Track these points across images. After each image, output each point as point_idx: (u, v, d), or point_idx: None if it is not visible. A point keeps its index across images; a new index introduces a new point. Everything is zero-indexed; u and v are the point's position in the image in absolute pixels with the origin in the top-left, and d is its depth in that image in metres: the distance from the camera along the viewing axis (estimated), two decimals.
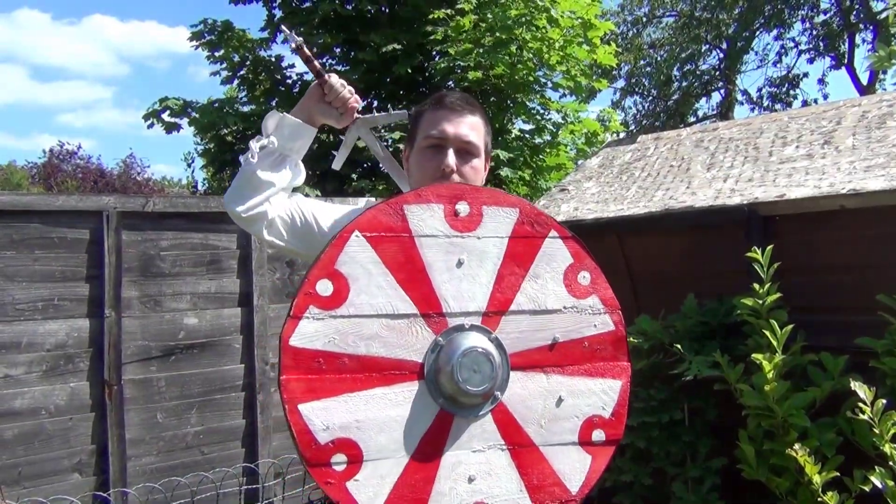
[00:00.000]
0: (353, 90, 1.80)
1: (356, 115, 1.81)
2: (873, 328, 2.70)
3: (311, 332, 1.39)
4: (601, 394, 1.61)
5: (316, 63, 1.81)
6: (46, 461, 3.31)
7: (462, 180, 1.71)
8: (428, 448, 1.45)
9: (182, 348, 3.64)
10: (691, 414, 3.12)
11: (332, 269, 1.42)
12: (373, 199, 4.16)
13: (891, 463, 2.39)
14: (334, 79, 1.77)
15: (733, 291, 3.02)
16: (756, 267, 2.84)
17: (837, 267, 3.01)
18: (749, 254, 2.86)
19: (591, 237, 3.36)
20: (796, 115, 3.90)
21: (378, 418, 1.42)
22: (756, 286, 2.84)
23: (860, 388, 2.45)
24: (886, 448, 2.39)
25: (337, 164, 1.92)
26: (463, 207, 1.52)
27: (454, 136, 1.73)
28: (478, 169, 1.77)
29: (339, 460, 1.38)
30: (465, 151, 1.74)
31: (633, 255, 3.60)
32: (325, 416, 1.38)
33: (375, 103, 8.46)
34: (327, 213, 1.78)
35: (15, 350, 3.26)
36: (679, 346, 3.00)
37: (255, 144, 1.69)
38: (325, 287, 1.41)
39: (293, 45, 1.81)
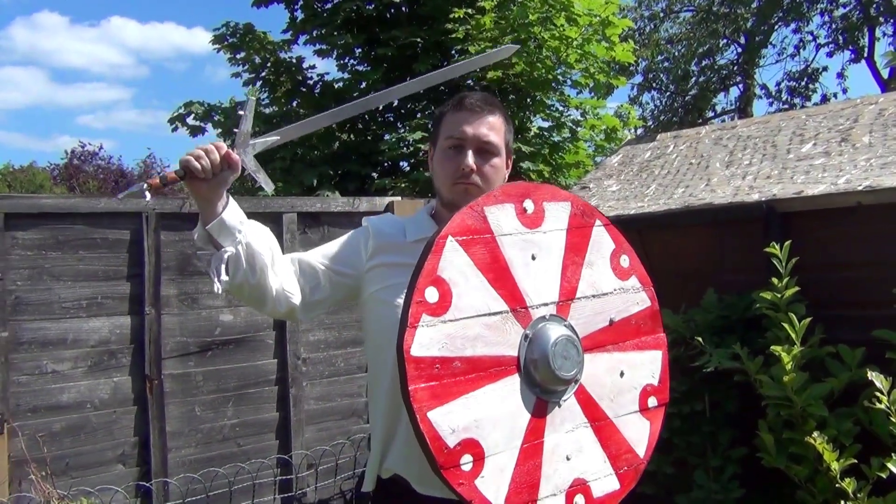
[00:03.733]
0: (205, 152, 1.59)
1: (232, 155, 1.62)
2: (889, 321, 2.78)
3: (428, 341, 1.42)
4: (650, 364, 1.74)
5: (168, 177, 1.62)
6: (92, 453, 3.43)
7: (481, 180, 1.76)
8: (532, 436, 1.52)
9: (218, 344, 3.76)
10: (712, 405, 3.19)
11: (436, 276, 1.45)
12: (396, 198, 4.28)
13: None
14: (184, 162, 1.58)
15: (752, 286, 3.09)
16: (775, 262, 2.92)
17: (854, 262, 3.07)
18: (768, 249, 2.94)
19: None
20: (814, 112, 3.97)
21: (491, 415, 1.47)
22: (775, 281, 2.93)
23: (877, 378, 2.54)
24: None
25: (269, 187, 1.88)
26: (529, 205, 1.59)
27: (473, 136, 1.77)
28: (498, 168, 1.80)
29: (467, 460, 1.43)
30: (485, 151, 1.78)
31: (654, 251, 3.68)
32: (451, 419, 1.42)
33: (396, 102, 8.55)
34: (350, 252, 1.82)
35: (62, 346, 3.39)
36: (700, 339, 3.08)
37: (213, 275, 1.62)
38: (432, 294, 1.44)
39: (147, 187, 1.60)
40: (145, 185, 1.60)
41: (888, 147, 3.24)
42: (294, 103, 8.78)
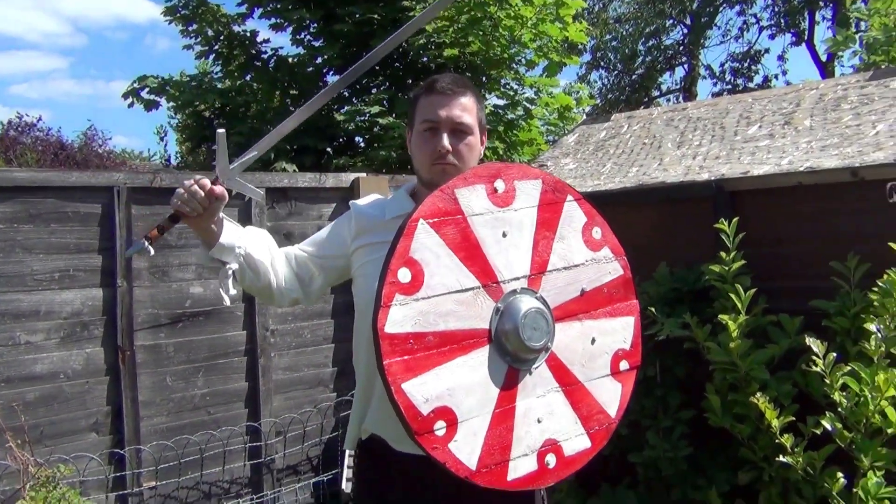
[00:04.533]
0: (191, 195, 1.71)
1: (216, 189, 1.73)
2: (826, 292, 2.95)
3: (401, 318, 1.52)
4: (621, 330, 1.85)
5: (164, 226, 1.79)
6: (66, 421, 3.48)
7: (458, 160, 1.86)
8: (504, 401, 1.63)
9: (189, 316, 3.83)
10: (663, 371, 3.35)
11: (408, 257, 1.54)
12: (362, 174, 4.38)
13: (839, 409, 2.65)
14: (175, 207, 1.74)
15: (701, 260, 3.25)
16: (723, 237, 3.07)
17: (795, 238, 3.24)
18: (716, 225, 3.09)
19: None
20: (760, 96, 4.18)
21: (464, 383, 1.57)
22: (722, 255, 3.08)
23: (814, 344, 2.72)
24: (836, 396, 2.64)
25: (258, 196, 2.06)
26: (500, 185, 1.67)
27: (447, 118, 1.85)
28: (472, 146, 1.90)
29: (440, 426, 1.54)
30: (459, 131, 1.87)
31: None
32: (424, 389, 1.53)
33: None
34: (336, 236, 1.98)
35: (34, 318, 3.42)
36: (653, 310, 3.23)
37: (222, 290, 1.84)
38: (405, 274, 1.54)
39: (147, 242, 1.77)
40: (146, 243, 1.76)
41: (827, 130, 3.46)
42: (248, 77, 8.72)
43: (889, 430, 2.61)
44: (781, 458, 2.75)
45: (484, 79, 7.80)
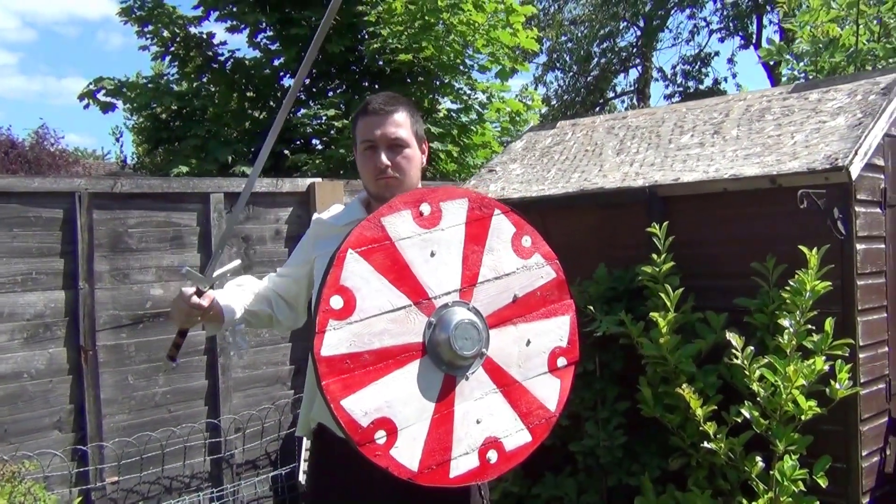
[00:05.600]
0: (187, 316, 1.95)
1: (203, 303, 1.93)
2: (748, 290, 3.14)
3: (336, 342, 1.64)
4: (557, 329, 1.96)
5: (178, 342, 2.07)
6: (29, 420, 3.59)
7: (398, 172, 2.02)
8: (442, 407, 1.75)
9: (149, 317, 3.95)
10: (601, 365, 3.50)
11: (339, 286, 1.66)
12: (318, 179, 4.54)
13: (758, 399, 2.85)
14: (179, 326, 2.01)
15: (637, 261, 3.38)
16: (655, 240, 3.23)
17: (721, 240, 3.42)
18: (649, 229, 3.25)
19: None
20: (693, 106, 4.43)
21: (401, 395, 1.69)
22: (654, 256, 3.23)
23: (733, 338, 2.92)
24: (754, 386, 2.82)
25: (239, 270, 2.29)
26: (425, 208, 1.79)
27: (382, 136, 2.01)
28: (411, 157, 2.06)
29: (380, 435, 1.66)
30: (396, 146, 2.03)
31: (553, 230, 3.97)
32: (362, 404, 1.65)
33: (307, 81, 8.67)
34: (301, 249, 2.21)
35: None
36: (591, 308, 3.38)
37: (238, 347, 2.12)
38: (337, 302, 1.65)
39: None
40: (174, 364, 2.18)
41: (752, 140, 3.71)
42: (204, 79, 8.77)
43: (801, 417, 2.84)
44: (706, 445, 2.93)
45: (437, 83, 7.98)
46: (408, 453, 1.70)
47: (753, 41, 20.89)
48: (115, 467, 3.79)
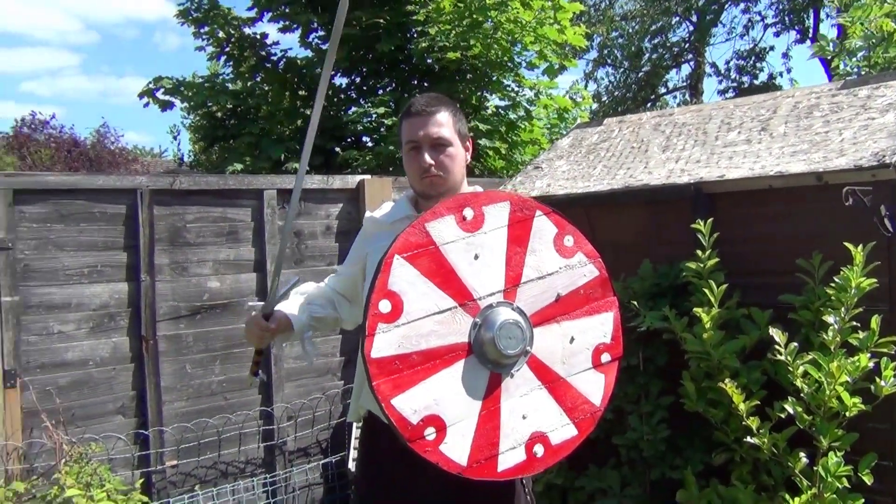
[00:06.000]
0: (259, 339, 2.16)
1: (271, 326, 2.13)
2: (793, 287, 3.13)
3: (385, 344, 1.72)
4: (600, 326, 2.00)
5: (257, 360, 2.31)
6: (95, 405, 3.77)
7: (441, 170, 2.10)
8: (489, 404, 1.81)
9: (206, 308, 4.11)
10: (645, 360, 3.53)
11: (387, 290, 1.73)
12: (367, 176, 4.65)
13: (802, 395, 2.86)
14: (255, 345, 2.24)
15: (682, 257, 3.40)
16: (699, 237, 3.25)
17: (766, 237, 3.41)
18: (693, 225, 3.27)
19: (562, 210, 3.84)
20: (741, 103, 4.42)
21: (449, 393, 1.77)
22: (699, 252, 3.25)
23: (777, 335, 2.95)
24: (798, 382, 2.83)
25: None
26: (468, 212, 1.84)
27: (424, 136, 2.09)
28: (453, 155, 2.13)
29: (430, 432, 1.73)
30: (439, 145, 2.10)
31: (598, 226, 4.04)
32: (411, 402, 1.72)
33: (358, 79, 8.82)
34: (355, 247, 2.33)
35: (66, 310, 3.70)
36: (635, 303, 3.42)
37: (309, 354, 2.30)
38: (385, 306, 1.73)
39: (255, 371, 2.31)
40: (258, 378, 2.31)
41: (799, 136, 3.70)
42: (257, 78, 8.98)
43: (846, 414, 2.85)
44: (750, 440, 2.95)
45: (485, 80, 8.04)
46: (457, 449, 1.77)
47: (810, 35, 20.43)
48: (174, 451, 3.96)
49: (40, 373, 3.63)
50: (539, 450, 1.88)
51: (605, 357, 2.00)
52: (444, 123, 2.11)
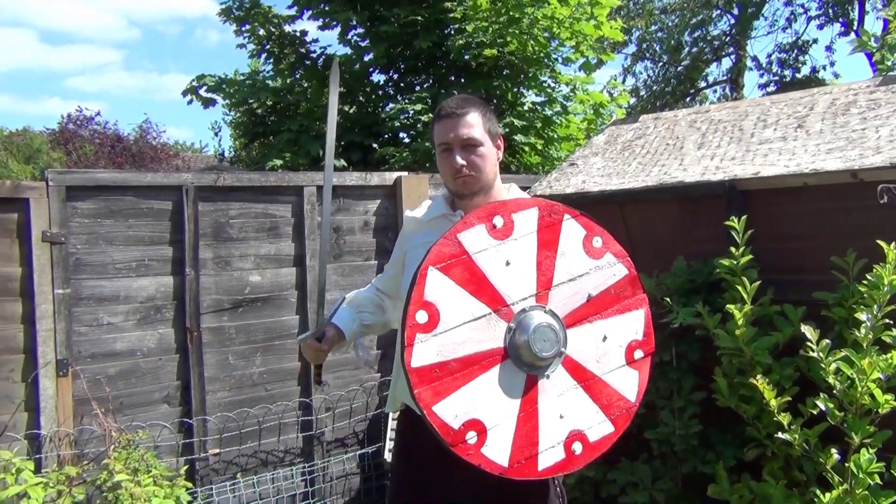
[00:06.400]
0: (314, 359, 2.30)
1: (323, 346, 2.26)
2: (827, 285, 3.15)
3: (423, 353, 1.78)
4: (632, 323, 2.04)
5: (319, 373, 2.43)
6: (141, 394, 3.91)
7: (473, 170, 2.15)
8: (527, 405, 1.87)
9: (248, 301, 4.23)
10: (677, 356, 3.58)
11: (423, 301, 1.79)
12: (404, 173, 4.73)
13: (834, 391, 2.88)
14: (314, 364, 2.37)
15: (716, 254, 3.44)
16: (733, 234, 3.27)
17: (800, 234, 3.43)
18: (727, 222, 3.30)
19: (597, 207, 3.95)
20: (777, 100, 4.41)
21: (488, 397, 1.82)
22: (733, 249, 3.28)
23: (809, 332, 2.96)
24: (830, 379, 2.86)
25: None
26: (498, 220, 1.89)
27: (455, 138, 2.15)
28: (484, 155, 2.17)
29: (471, 436, 1.79)
30: (469, 146, 2.15)
31: (632, 223, 4.09)
32: (453, 408, 1.78)
33: (395, 76, 8.91)
34: (397, 246, 2.41)
35: (115, 302, 3.84)
36: (669, 300, 3.45)
37: (362, 358, 2.45)
38: (422, 316, 1.78)
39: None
40: (323, 386, 2.48)
41: (835, 134, 3.70)
42: (297, 75, 9.11)
43: (878, 411, 2.86)
44: (781, 436, 2.97)
45: (522, 76, 8.07)
46: (498, 450, 1.83)
47: (854, 28, 20.04)
48: (216, 440, 4.09)
49: (91, 362, 3.78)
50: (577, 447, 1.94)
51: (638, 353, 2.05)
52: (475, 124, 2.16)
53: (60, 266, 3.66)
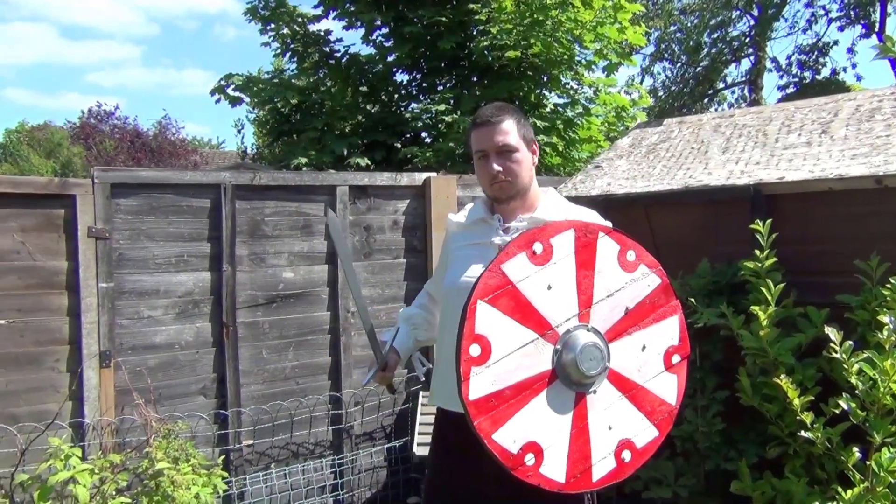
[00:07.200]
0: (383, 379, 2.39)
1: (387, 375, 2.39)
2: (850, 287, 3.24)
3: (480, 386, 1.85)
4: (668, 329, 2.11)
5: (389, 384, 2.50)
6: (179, 385, 4.03)
7: (509, 176, 2.21)
8: (578, 422, 1.94)
9: (281, 297, 4.34)
10: (701, 355, 3.66)
11: (475, 335, 1.85)
12: (433, 174, 4.83)
13: (856, 391, 2.95)
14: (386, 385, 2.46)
15: (740, 256, 3.52)
16: (758, 237, 3.37)
17: (824, 238, 3.52)
18: (752, 226, 3.39)
19: (622, 210, 4.04)
20: (802, 105, 4.49)
21: (541, 418, 1.90)
22: (757, 252, 3.37)
23: (832, 333, 3.04)
24: (853, 379, 2.94)
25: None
26: (538, 247, 1.95)
27: (491, 146, 2.22)
28: (520, 160, 2.24)
29: (530, 458, 1.87)
30: (505, 152, 2.22)
31: (658, 225, 4.17)
32: (510, 434, 1.86)
33: (419, 76, 9.01)
34: (442, 250, 2.49)
35: (155, 296, 3.97)
36: (693, 300, 3.56)
37: (419, 367, 2.52)
38: (475, 350, 1.85)
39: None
40: (395, 394, 2.63)
41: (860, 140, 3.77)
42: (321, 74, 9.21)
43: None
44: (804, 434, 3.06)
45: (545, 78, 8.15)
46: (554, 468, 1.91)
47: (876, 30, 19.93)
48: (250, 432, 4.21)
49: (132, 354, 3.91)
50: (627, 455, 2.02)
51: (676, 358, 2.13)
52: (510, 131, 2.22)
53: (104, 261, 3.79)
